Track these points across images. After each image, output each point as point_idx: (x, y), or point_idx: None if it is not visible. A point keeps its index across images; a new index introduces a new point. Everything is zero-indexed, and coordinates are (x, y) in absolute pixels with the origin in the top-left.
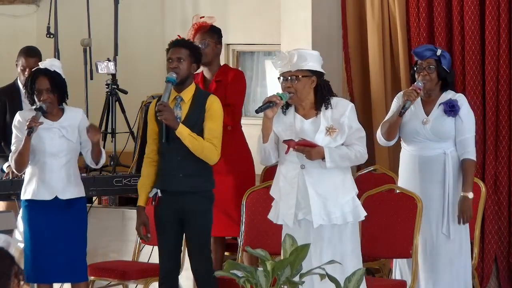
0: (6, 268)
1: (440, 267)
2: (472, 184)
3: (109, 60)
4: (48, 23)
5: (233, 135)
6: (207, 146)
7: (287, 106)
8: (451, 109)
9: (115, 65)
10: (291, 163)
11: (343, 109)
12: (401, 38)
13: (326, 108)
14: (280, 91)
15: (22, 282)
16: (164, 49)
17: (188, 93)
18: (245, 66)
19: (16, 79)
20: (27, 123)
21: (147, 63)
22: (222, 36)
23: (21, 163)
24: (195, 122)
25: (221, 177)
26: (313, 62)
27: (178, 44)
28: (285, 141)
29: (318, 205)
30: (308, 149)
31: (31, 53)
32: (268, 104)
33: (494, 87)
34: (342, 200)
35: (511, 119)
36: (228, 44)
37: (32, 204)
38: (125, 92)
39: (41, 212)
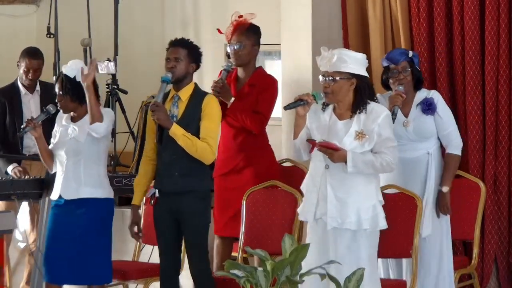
0: None
1: (422, 268)
2: (451, 178)
3: (109, 60)
4: (48, 23)
5: (256, 139)
6: (201, 146)
7: (327, 103)
8: (429, 107)
9: (115, 65)
10: (318, 161)
11: (376, 116)
12: (404, 37)
13: (360, 112)
14: (310, 86)
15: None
16: (164, 49)
17: (186, 92)
18: None
19: (16, 79)
20: (25, 122)
21: (147, 63)
22: (261, 36)
23: (43, 162)
24: (191, 121)
25: (242, 178)
26: (354, 65)
27: (176, 43)
28: (308, 140)
29: (334, 207)
30: (330, 151)
31: (34, 55)
32: (298, 102)
33: (494, 87)
34: (361, 206)
35: (511, 119)
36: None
37: (52, 204)
38: (125, 92)
39: (56, 213)
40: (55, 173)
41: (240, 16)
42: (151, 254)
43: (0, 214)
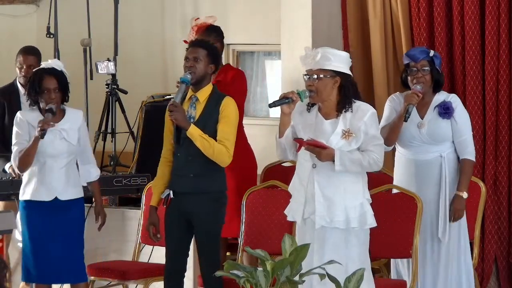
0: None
1: (440, 272)
2: (468, 184)
3: (109, 60)
4: (48, 23)
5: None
6: (218, 148)
7: (312, 103)
8: (446, 111)
9: (115, 65)
10: (304, 161)
11: (362, 114)
12: (405, 37)
13: (346, 111)
14: (301, 88)
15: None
16: (164, 49)
17: (204, 93)
18: (245, 66)
19: (15, 79)
20: (40, 125)
21: (147, 63)
22: (222, 34)
23: (26, 164)
24: (208, 122)
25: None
26: (338, 63)
27: (196, 44)
28: (295, 139)
29: (322, 206)
30: (318, 150)
31: (29, 51)
32: (283, 100)
33: (494, 87)
34: (349, 205)
35: (511, 119)
36: (228, 44)
37: (30, 205)
38: (125, 92)
39: (39, 213)
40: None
41: (197, 19)
42: (151, 254)
43: (0, 214)
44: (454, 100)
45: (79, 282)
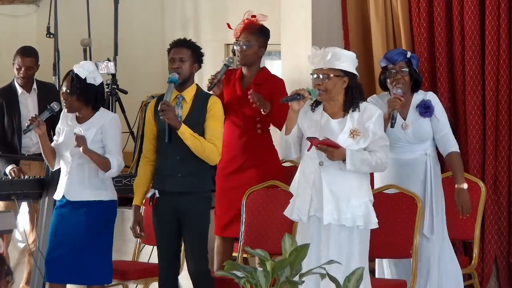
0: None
1: (423, 269)
2: (463, 175)
3: (109, 60)
4: (48, 23)
5: (261, 139)
6: (208, 146)
7: (316, 103)
8: (427, 110)
9: (115, 65)
10: (310, 159)
11: (370, 115)
12: (405, 37)
13: (354, 111)
14: (310, 87)
15: (10, 284)
16: (164, 49)
17: (189, 93)
18: None
19: (13, 80)
20: (29, 120)
21: (147, 63)
22: (269, 38)
23: (46, 160)
24: (196, 121)
25: (246, 178)
26: (347, 63)
27: (180, 44)
28: (308, 138)
29: (330, 203)
30: (330, 149)
31: (26, 53)
32: (296, 96)
33: (494, 87)
34: (355, 204)
35: (511, 119)
36: (228, 44)
37: (56, 204)
38: (125, 92)
39: (58, 213)
40: (55, 173)
41: (253, 16)
42: (151, 254)
43: (0, 214)
44: (432, 98)
45: (92, 284)
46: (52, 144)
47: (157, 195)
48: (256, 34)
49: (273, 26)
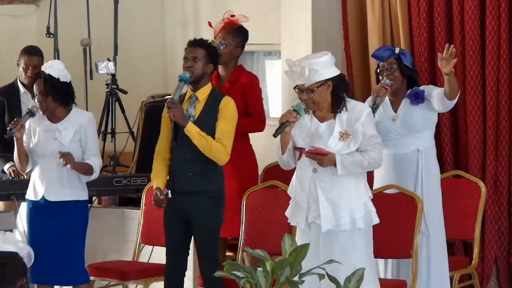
0: (16, 275)
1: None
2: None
3: (109, 60)
4: (48, 23)
5: (238, 140)
6: (215, 146)
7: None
8: (417, 96)
9: (115, 65)
10: (304, 166)
11: (359, 114)
12: (404, 37)
13: (341, 111)
14: (295, 103)
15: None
16: (164, 49)
17: (203, 93)
18: (245, 66)
19: (16, 79)
20: (11, 124)
21: (147, 63)
22: (247, 39)
23: (19, 163)
24: (207, 121)
25: (225, 178)
26: (325, 70)
27: (194, 43)
28: (296, 149)
29: (327, 210)
30: (319, 157)
31: (33, 52)
32: (285, 124)
33: (494, 87)
34: (353, 206)
35: (511, 119)
36: None
37: (30, 205)
38: (125, 92)
39: (37, 213)
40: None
41: (232, 16)
42: (151, 254)
43: (0, 214)
44: (425, 88)
45: (79, 284)
46: (26, 145)
47: (170, 195)
48: (233, 33)
49: (273, 26)
